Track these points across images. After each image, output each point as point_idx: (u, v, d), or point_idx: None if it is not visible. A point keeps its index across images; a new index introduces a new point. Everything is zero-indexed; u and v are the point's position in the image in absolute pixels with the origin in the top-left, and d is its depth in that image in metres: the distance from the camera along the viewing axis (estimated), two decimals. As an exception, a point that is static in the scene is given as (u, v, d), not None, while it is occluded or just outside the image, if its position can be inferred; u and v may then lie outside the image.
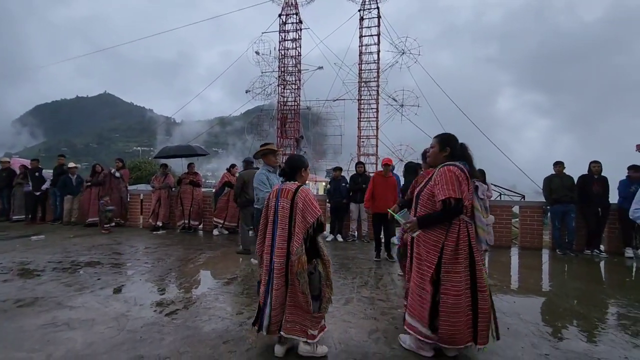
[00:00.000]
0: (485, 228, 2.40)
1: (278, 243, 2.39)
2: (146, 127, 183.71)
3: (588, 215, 6.30)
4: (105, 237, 7.06)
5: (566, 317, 3.34)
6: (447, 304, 2.31)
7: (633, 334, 2.95)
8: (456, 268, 2.31)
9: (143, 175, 24.81)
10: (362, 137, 19.78)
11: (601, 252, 6.27)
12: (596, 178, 6.26)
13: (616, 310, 3.60)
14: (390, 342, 2.69)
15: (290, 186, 2.48)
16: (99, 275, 4.34)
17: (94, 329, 2.85)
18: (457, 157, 2.50)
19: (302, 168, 2.61)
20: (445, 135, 2.61)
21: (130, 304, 3.41)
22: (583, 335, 2.93)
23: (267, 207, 2.56)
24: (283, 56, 19.99)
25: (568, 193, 6.25)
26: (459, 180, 2.33)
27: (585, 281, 4.67)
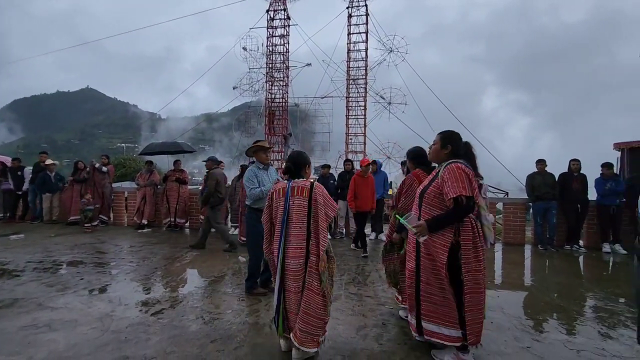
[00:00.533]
0: (490, 226, 2.38)
1: (294, 243, 2.28)
2: (130, 123, 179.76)
3: (568, 211, 6.49)
4: (88, 235, 6.90)
5: (547, 311, 3.44)
6: (472, 302, 2.24)
7: (610, 326, 3.07)
8: (478, 266, 2.25)
9: (127, 173, 24.34)
10: (350, 135, 19.82)
11: (580, 247, 6.48)
12: (576, 176, 6.45)
13: (594, 303, 3.73)
14: (378, 338, 2.72)
15: (302, 183, 2.38)
16: (82, 275, 4.25)
17: (77, 330, 2.79)
18: (459, 155, 2.43)
19: (306, 165, 2.54)
20: (447, 133, 2.51)
21: (114, 303, 3.35)
22: (563, 328, 3.03)
23: (271, 207, 2.43)
24: (271, 52, 19.81)
25: (549, 190, 6.42)
26: (469, 177, 2.26)
27: (565, 275, 4.82)
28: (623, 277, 4.83)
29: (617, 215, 6.33)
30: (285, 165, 2.54)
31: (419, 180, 2.94)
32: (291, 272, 2.28)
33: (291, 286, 2.28)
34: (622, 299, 3.79)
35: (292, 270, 2.27)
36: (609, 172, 6.37)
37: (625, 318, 3.25)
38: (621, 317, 3.27)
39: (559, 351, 2.58)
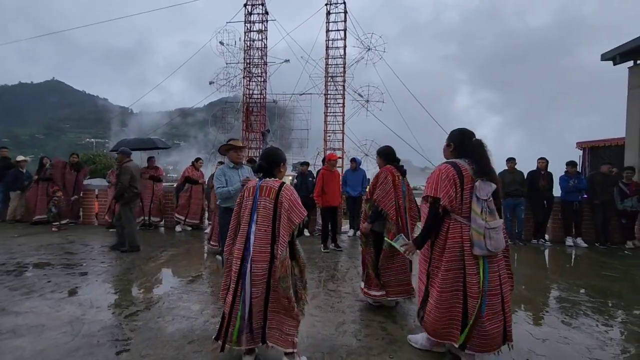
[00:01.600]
0: (483, 231, 2.17)
1: (258, 247, 2.14)
2: (100, 118, 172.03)
3: (535, 207, 6.83)
4: (56, 236, 6.58)
5: (516, 302, 3.61)
6: (433, 297, 2.33)
7: (572, 315, 3.26)
8: (440, 266, 2.28)
9: (98, 169, 23.35)
10: (328, 132, 19.88)
11: (546, 241, 6.84)
12: (543, 174, 6.79)
13: (558, 294, 3.95)
14: (356, 334, 2.77)
15: (271, 184, 2.23)
16: (49, 277, 4.05)
17: (45, 335, 2.67)
18: (464, 153, 2.37)
19: (280, 163, 2.37)
20: (454, 132, 2.47)
21: (85, 306, 3.22)
22: (530, 319, 3.19)
23: (241, 205, 2.29)
24: (249, 47, 19.50)
25: (519, 187, 6.73)
26: (442, 178, 2.26)
27: (532, 268, 5.07)
28: (584, 269, 5.14)
29: (579, 210, 6.73)
30: (257, 162, 2.38)
31: (391, 174, 3.25)
32: (255, 276, 2.12)
33: (253, 291, 2.12)
34: (582, 290, 4.04)
35: (257, 274, 2.12)
36: (572, 170, 6.75)
37: (586, 307, 3.47)
38: (582, 307, 3.48)
39: (526, 341, 2.72)
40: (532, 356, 2.49)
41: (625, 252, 6.14)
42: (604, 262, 5.45)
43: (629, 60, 8.32)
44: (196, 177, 7.63)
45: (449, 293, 2.25)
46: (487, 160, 2.30)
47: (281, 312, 2.17)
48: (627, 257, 5.83)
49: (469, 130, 2.44)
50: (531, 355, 2.51)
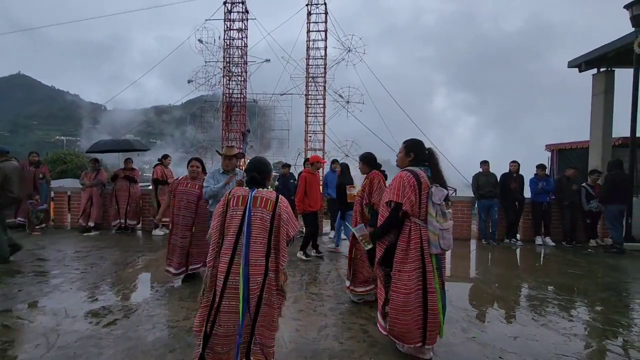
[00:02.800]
0: (438, 232, 2.40)
1: (254, 260, 2.03)
2: (71, 115, 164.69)
3: (507, 208, 7.15)
4: (26, 241, 6.28)
5: (489, 301, 3.79)
6: (397, 302, 2.44)
7: (540, 313, 3.46)
8: (405, 268, 2.43)
9: (69, 169, 22.37)
10: (309, 132, 19.91)
11: (517, 240, 7.16)
12: (514, 176, 7.10)
13: (528, 292, 4.17)
14: (338, 337, 2.83)
15: (267, 194, 2.15)
16: (20, 286, 3.89)
17: (18, 348, 2.58)
18: (422, 161, 2.59)
19: (270, 174, 2.35)
20: (410, 142, 2.66)
21: (60, 316, 3.13)
22: (502, 317, 3.36)
23: (226, 215, 2.13)
24: (228, 46, 19.21)
25: (492, 189, 7.01)
26: (405, 185, 2.44)
27: (504, 267, 5.32)
28: (552, 267, 5.43)
29: (548, 211, 7.09)
30: (248, 174, 2.26)
31: (382, 179, 3.54)
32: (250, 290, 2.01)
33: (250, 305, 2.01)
34: (550, 287, 4.28)
35: (253, 289, 2.01)
36: (542, 173, 7.11)
37: (553, 305, 3.68)
38: (550, 304, 3.70)
39: (499, 339, 2.87)
40: (504, 354, 2.63)
41: (588, 251, 6.52)
42: (570, 260, 5.77)
43: (592, 68, 8.82)
44: (166, 176, 7.29)
45: (414, 293, 2.41)
46: (439, 168, 2.58)
47: (266, 328, 2.10)
48: (590, 255, 6.20)
49: (421, 140, 2.69)
50: (503, 353, 2.65)
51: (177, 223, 4.11)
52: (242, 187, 2.29)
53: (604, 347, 2.80)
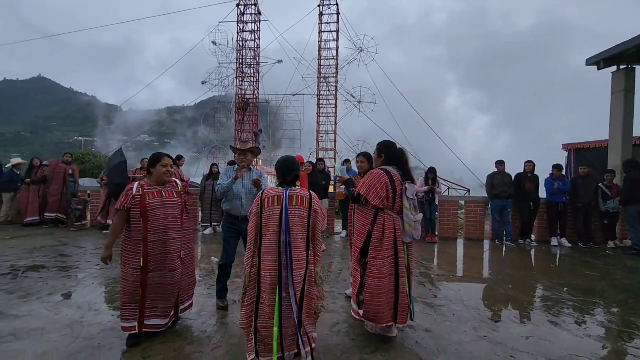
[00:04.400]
0: (412, 224, 2.73)
1: (296, 256, 2.17)
2: (88, 116, 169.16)
3: (522, 209, 7.06)
4: (49, 238, 6.55)
5: (502, 302, 3.77)
6: (371, 286, 2.67)
7: (554, 314, 3.43)
8: (379, 255, 2.68)
9: (87, 169, 23.02)
10: (320, 132, 20.00)
11: (532, 241, 7.06)
12: (529, 176, 7.01)
13: (542, 293, 4.13)
14: (350, 334, 2.88)
15: (302, 192, 2.28)
16: (45, 281, 4.07)
17: (45, 338, 2.72)
18: (393, 161, 2.86)
19: (300, 172, 2.47)
20: (381, 144, 2.97)
21: (84, 309, 3.27)
22: (515, 318, 3.35)
23: (260, 215, 2.23)
24: (241, 47, 19.47)
25: (507, 189, 6.94)
26: (374, 183, 2.72)
27: (518, 268, 5.26)
28: (567, 268, 5.35)
29: (564, 212, 6.97)
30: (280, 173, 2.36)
31: None
32: (295, 284, 2.16)
33: (296, 298, 2.16)
34: (565, 289, 4.23)
35: (297, 282, 2.16)
36: (558, 173, 6.99)
37: (568, 306, 3.64)
38: (564, 306, 3.66)
39: (511, 338, 2.87)
40: (516, 353, 2.63)
41: (607, 252, 6.39)
42: (587, 261, 5.67)
43: (612, 65, 8.60)
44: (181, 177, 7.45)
45: (387, 277, 2.67)
46: (408, 167, 2.87)
47: (311, 317, 2.27)
48: (609, 256, 6.07)
49: (393, 142, 2.98)
50: (515, 352, 2.65)
51: (158, 253, 2.68)
52: (274, 187, 2.38)
53: (620, 348, 2.77)
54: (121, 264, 2.67)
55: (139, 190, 2.66)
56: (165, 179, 2.80)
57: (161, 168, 2.75)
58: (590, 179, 7.03)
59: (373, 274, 2.68)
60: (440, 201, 7.44)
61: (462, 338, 2.85)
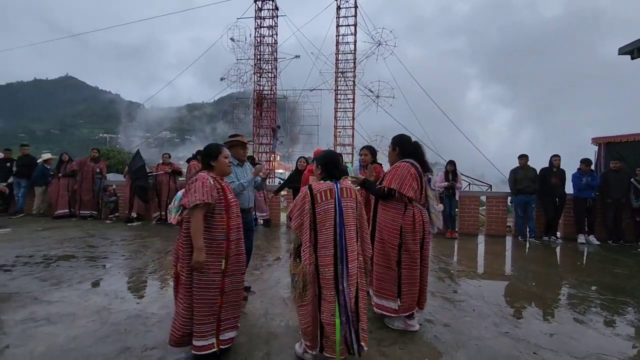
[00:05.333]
0: (437, 214, 2.85)
1: (351, 247, 2.18)
2: (112, 113, 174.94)
3: (547, 204, 6.81)
4: (78, 229, 6.85)
5: (525, 298, 3.68)
6: (408, 277, 2.74)
7: (580, 312, 3.32)
8: (415, 247, 2.74)
9: (112, 164, 23.84)
10: (338, 128, 19.91)
11: (557, 238, 6.82)
12: (555, 171, 6.76)
13: (567, 290, 3.99)
14: (368, 327, 2.87)
15: (348, 184, 2.31)
16: (75, 269, 4.27)
17: (76, 323, 2.86)
18: (408, 155, 2.88)
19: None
20: (395, 138, 3.00)
21: (110, 297, 3.41)
22: (538, 315, 3.26)
23: (315, 211, 2.19)
24: (259, 43, 19.58)
25: (530, 184, 6.72)
26: (404, 175, 2.70)
27: (542, 265, 5.10)
28: (595, 266, 5.15)
29: (592, 208, 6.69)
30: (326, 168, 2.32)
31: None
32: (351, 277, 2.15)
33: (351, 291, 2.15)
34: (593, 287, 4.07)
35: (352, 275, 2.16)
36: (586, 168, 6.70)
37: (595, 304, 3.51)
38: (592, 304, 3.53)
39: (534, 335, 2.80)
40: (539, 350, 2.57)
41: (638, 250, 6.10)
42: (617, 259, 5.44)
43: (646, 54, 8.14)
44: None
45: (417, 269, 2.76)
46: (425, 159, 2.89)
47: (365, 311, 2.23)
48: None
49: (407, 135, 3.00)
50: (538, 349, 2.58)
51: (234, 254, 2.41)
52: (321, 181, 2.30)
53: (651, 348, 2.66)
54: (194, 273, 2.23)
55: (217, 183, 2.38)
56: (229, 172, 2.58)
57: (224, 159, 2.50)
58: (622, 173, 6.71)
59: (409, 265, 2.74)
60: (461, 196, 7.29)
61: (483, 333, 2.80)
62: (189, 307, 2.23)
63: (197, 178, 2.29)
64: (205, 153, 2.50)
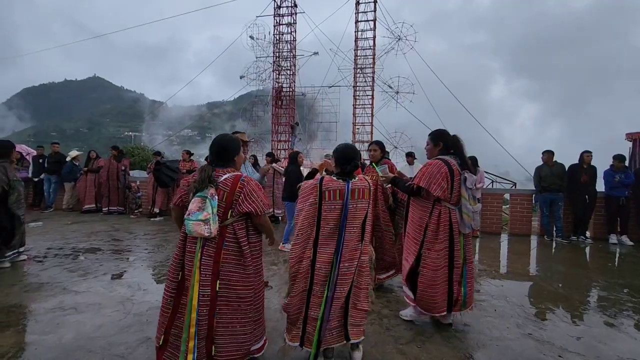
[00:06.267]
0: (471, 214, 2.70)
1: (348, 249, 2.15)
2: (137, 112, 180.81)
3: (575, 203, 6.51)
4: (103, 224, 7.12)
5: (550, 300, 3.53)
6: (426, 277, 2.69)
7: (610, 315, 3.16)
8: (435, 246, 2.67)
9: (136, 162, 24.61)
10: (357, 124, 19.77)
11: (587, 238, 6.52)
12: (585, 168, 6.44)
13: (597, 293, 3.81)
14: (384, 324, 2.85)
15: (363, 184, 2.20)
16: (101, 262, 4.44)
17: (101, 312, 2.97)
18: (449, 149, 2.77)
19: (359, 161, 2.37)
20: (437, 132, 2.88)
21: (134, 288, 3.53)
22: (565, 317, 3.12)
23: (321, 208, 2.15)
24: (278, 41, 19.68)
25: (557, 182, 6.44)
26: (434, 174, 2.64)
27: (570, 266, 4.89)
28: (628, 268, 4.89)
29: (625, 206, 6.34)
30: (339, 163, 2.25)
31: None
32: (342, 276, 2.14)
33: (341, 290, 2.15)
34: (625, 289, 3.86)
35: (345, 274, 2.15)
36: (619, 165, 6.34)
37: (627, 308, 3.33)
38: (624, 307, 3.35)
39: (560, 338, 2.68)
40: (565, 353, 2.46)
41: (675, 252, 5.75)
42: (651, 261, 5.15)
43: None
44: None
45: (442, 269, 2.67)
46: (464, 153, 2.76)
47: (359, 309, 2.24)
48: (678, 256, 5.46)
49: (445, 129, 2.91)
50: (564, 352, 2.48)
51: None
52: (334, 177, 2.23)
53: (689, 356, 2.49)
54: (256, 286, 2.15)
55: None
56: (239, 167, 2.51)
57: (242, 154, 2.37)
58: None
59: (427, 265, 2.69)
60: (483, 194, 7.09)
61: (504, 334, 2.72)
62: (249, 321, 2.07)
63: (253, 182, 2.10)
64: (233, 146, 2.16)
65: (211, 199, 1.94)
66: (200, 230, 1.90)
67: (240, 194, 2.01)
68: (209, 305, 1.96)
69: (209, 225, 1.92)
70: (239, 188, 2.02)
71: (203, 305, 1.95)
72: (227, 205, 2.01)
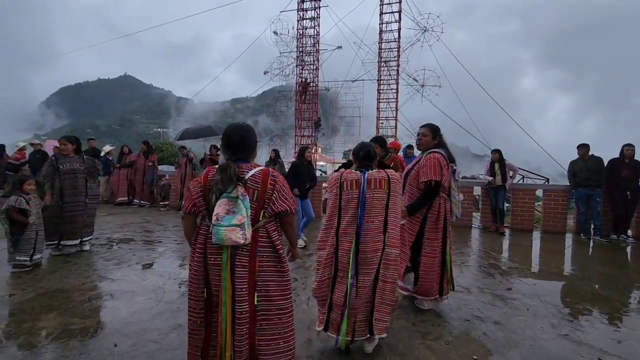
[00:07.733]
0: (458, 204, 2.99)
1: (373, 236, 2.19)
2: (165, 109, 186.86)
3: (616, 199, 6.12)
4: (136, 215, 7.43)
5: (588, 300, 3.36)
6: (427, 264, 2.87)
7: (656, 318, 2.96)
8: (435, 235, 2.86)
9: (165, 157, 25.47)
10: (380, 119, 19.50)
11: (628, 237, 6.13)
12: (627, 162, 6.04)
13: (639, 294, 3.58)
14: (411, 319, 2.81)
15: (380, 175, 2.24)
16: (134, 251, 4.63)
17: (135, 299, 3.10)
18: (441, 144, 2.98)
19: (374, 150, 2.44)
20: (436, 126, 3.04)
21: (165, 277, 3.66)
22: (604, 318, 2.96)
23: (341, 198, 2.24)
24: (301, 36, 19.64)
25: (592, 177, 6.09)
26: (441, 165, 2.79)
27: (609, 265, 4.62)
28: (674, 269, 4.56)
29: (672, 204, 5.91)
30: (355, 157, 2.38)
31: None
32: (368, 265, 2.18)
33: (365, 280, 2.18)
34: (671, 292, 3.62)
35: (371, 264, 2.18)
36: (666, 158, 5.91)
37: (674, 311, 3.12)
38: (669, 310, 3.14)
39: (599, 340, 2.55)
40: (604, 356, 2.34)
41: None
42: (701, 262, 4.78)
43: None
44: None
45: (439, 256, 2.87)
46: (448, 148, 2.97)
47: (385, 304, 2.25)
48: None
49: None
50: (604, 355, 2.35)
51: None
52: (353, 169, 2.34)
53: None
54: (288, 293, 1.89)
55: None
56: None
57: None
58: None
59: (429, 253, 2.87)
60: (514, 189, 6.82)
61: (538, 334, 2.61)
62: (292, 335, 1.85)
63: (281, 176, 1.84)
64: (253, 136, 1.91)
65: (243, 199, 1.65)
66: (236, 238, 1.60)
67: (273, 190, 1.75)
68: (249, 322, 1.69)
69: (244, 230, 1.63)
70: (271, 184, 1.75)
71: (241, 324, 1.67)
72: (259, 205, 1.73)
